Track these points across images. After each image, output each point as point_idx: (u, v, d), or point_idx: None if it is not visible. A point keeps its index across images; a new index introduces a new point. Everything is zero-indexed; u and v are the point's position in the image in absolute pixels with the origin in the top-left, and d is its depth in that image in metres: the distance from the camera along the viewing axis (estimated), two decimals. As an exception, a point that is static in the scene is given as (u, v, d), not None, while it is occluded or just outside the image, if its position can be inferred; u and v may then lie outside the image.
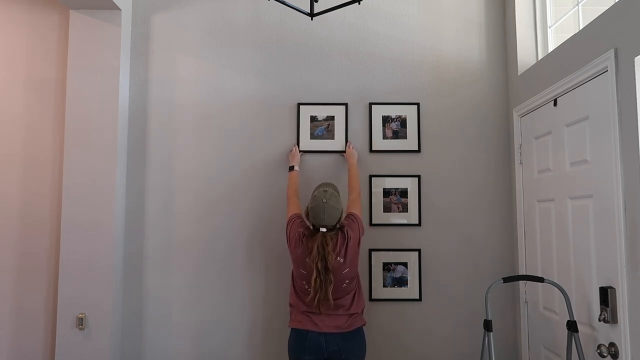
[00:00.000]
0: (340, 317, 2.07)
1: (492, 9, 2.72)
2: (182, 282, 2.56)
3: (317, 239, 2.02)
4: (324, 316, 2.04)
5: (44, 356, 2.50)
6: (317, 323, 2.04)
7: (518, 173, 2.50)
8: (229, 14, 2.71)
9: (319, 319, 2.05)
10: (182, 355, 2.53)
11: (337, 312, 2.07)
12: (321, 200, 2.05)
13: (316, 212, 2.05)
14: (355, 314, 2.10)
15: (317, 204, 2.06)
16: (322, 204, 2.04)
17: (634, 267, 1.59)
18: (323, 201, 2.05)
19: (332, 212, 2.05)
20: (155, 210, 2.60)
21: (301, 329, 2.05)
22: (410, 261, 2.55)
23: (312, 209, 2.08)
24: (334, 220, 2.06)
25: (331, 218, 2.05)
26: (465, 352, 2.52)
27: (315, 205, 2.07)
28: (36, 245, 2.53)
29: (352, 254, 2.08)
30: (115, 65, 2.51)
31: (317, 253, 1.99)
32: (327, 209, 2.04)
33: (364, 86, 2.66)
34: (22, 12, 2.64)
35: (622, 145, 1.65)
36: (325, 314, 2.04)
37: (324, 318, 2.04)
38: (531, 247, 2.37)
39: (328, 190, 2.10)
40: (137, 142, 2.63)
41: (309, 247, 2.04)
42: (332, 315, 2.05)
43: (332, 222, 2.06)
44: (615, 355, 1.66)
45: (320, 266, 1.97)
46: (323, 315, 2.04)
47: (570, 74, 1.97)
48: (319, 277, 1.97)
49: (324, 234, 2.04)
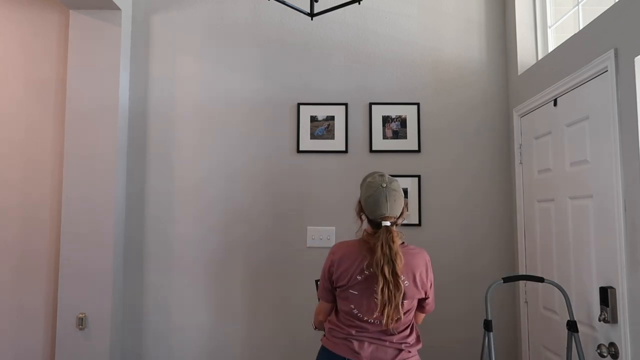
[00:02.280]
0: (387, 349, 1.59)
1: (492, 9, 2.72)
2: (182, 282, 2.56)
3: (380, 236, 1.54)
4: (367, 344, 1.59)
5: (44, 356, 2.50)
6: (358, 352, 1.58)
7: (518, 173, 2.50)
8: (229, 14, 2.71)
9: (361, 347, 1.58)
10: (182, 355, 2.53)
11: (385, 342, 1.59)
12: (380, 185, 1.61)
13: (376, 198, 1.59)
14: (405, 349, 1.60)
15: (377, 190, 1.60)
16: (383, 189, 1.59)
17: (634, 267, 1.59)
18: (383, 185, 1.60)
19: (396, 198, 1.60)
20: (155, 210, 2.60)
21: (335, 354, 1.60)
22: (410, 261, 2.54)
23: (370, 197, 1.61)
24: (398, 209, 1.61)
25: (396, 205, 1.59)
26: (465, 352, 2.52)
27: (373, 192, 1.60)
28: (36, 245, 2.53)
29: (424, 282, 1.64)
30: (115, 65, 2.51)
31: (382, 254, 1.51)
32: (390, 194, 1.59)
33: (364, 86, 2.66)
34: (22, 12, 2.64)
35: (622, 145, 1.65)
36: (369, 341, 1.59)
37: (366, 347, 1.58)
38: (531, 247, 2.37)
39: (385, 175, 1.66)
40: (137, 142, 2.63)
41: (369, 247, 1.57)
42: (376, 343, 1.60)
43: (397, 211, 1.61)
44: (615, 355, 1.66)
45: (388, 271, 1.50)
46: (366, 342, 1.59)
47: (570, 74, 1.97)
48: (386, 286, 1.49)
49: (388, 228, 1.56)
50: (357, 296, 1.59)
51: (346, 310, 1.63)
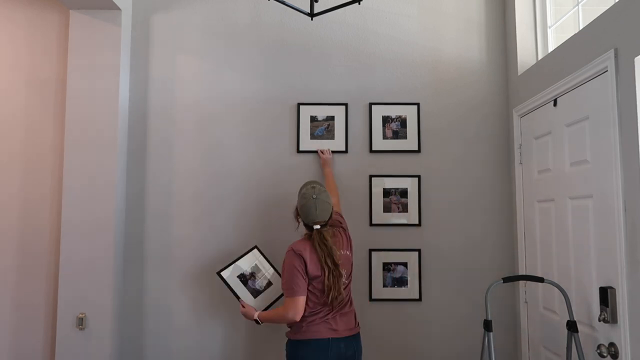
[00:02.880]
0: (349, 316, 2.05)
1: (492, 9, 2.72)
2: (182, 282, 2.56)
3: (315, 237, 1.98)
4: (338, 319, 2.00)
5: (44, 356, 2.50)
6: (335, 329, 1.98)
7: (518, 173, 2.50)
8: (229, 14, 2.71)
9: (336, 323, 1.99)
10: (182, 356, 2.53)
11: (345, 310, 2.03)
12: (311, 196, 2.01)
13: (308, 209, 2.01)
14: (354, 311, 2.12)
15: (308, 201, 2.01)
16: (313, 200, 2.00)
17: (634, 267, 1.59)
18: (313, 197, 2.01)
19: (324, 207, 2.01)
20: (155, 210, 2.60)
21: (321, 339, 1.96)
22: (410, 261, 2.55)
23: (303, 207, 2.03)
24: (326, 215, 2.03)
25: (323, 213, 2.01)
26: (465, 352, 2.52)
27: (305, 202, 2.02)
28: (36, 245, 2.53)
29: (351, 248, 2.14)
30: (115, 65, 2.51)
31: (322, 251, 1.95)
32: (318, 204, 2.00)
33: (364, 86, 2.66)
34: (22, 12, 2.64)
35: (622, 145, 1.65)
36: (339, 313, 2.00)
37: (339, 321, 2.00)
38: (531, 247, 2.37)
39: (316, 187, 2.07)
40: (137, 142, 2.63)
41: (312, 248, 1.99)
42: (344, 314, 2.02)
43: (325, 217, 2.03)
44: (615, 355, 1.66)
45: (330, 262, 1.94)
46: (337, 317, 1.99)
47: (570, 74, 1.97)
48: (330, 273, 1.93)
49: (319, 230, 2.00)
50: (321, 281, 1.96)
51: (317, 296, 1.98)
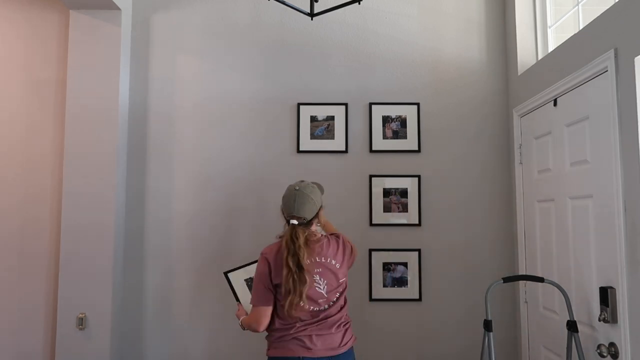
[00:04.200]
0: (334, 335, 1.76)
1: (492, 9, 2.72)
2: (182, 282, 2.56)
3: (287, 232, 1.75)
4: (314, 338, 1.72)
5: (44, 356, 2.50)
6: (310, 347, 1.71)
7: (518, 173, 2.50)
8: (229, 14, 2.71)
9: (311, 341, 1.72)
10: (182, 356, 2.53)
11: (329, 331, 1.75)
12: (294, 188, 1.81)
13: (287, 200, 1.80)
14: (347, 326, 1.82)
15: (289, 192, 1.81)
16: (294, 192, 1.79)
17: (634, 267, 1.59)
18: (296, 189, 1.80)
19: (304, 201, 1.77)
20: (155, 210, 2.60)
21: (290, 357, 1.70)
22: (410, 261, 2.55)
23: (284, 197, 1.82)
24: (306, 211, 1.78)
25: (303, 208, 1.77)
26: (465, 352, 2.52)
27: (287, 193, 1.82)
28: (36, 245, 2.53)
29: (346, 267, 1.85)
30: (115, 65, 2.51)
31: (287, 248, 1.69)
32: (298, 196, 1.77)
33: (364, 86, 2.66)
34: (22, 12, 2.64)
35: (622, 145, 1.65)
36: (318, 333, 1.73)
37: (315, 340, 1.72)
38: (531, 247, 2.37)
39: (305, 181, 1.88)
40: (137, 142, 2.63)
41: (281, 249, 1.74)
42: (325, 335, 1.74)
43: (305, 213, 1.78)
44: (615, 355, 1.66)
45: (292, 262, 1.67)
46: (314, 336, 1.72)
47: (570, 74, 1.97)
48: (290, 275, 1.66)
49: (295, 226, 1.75)
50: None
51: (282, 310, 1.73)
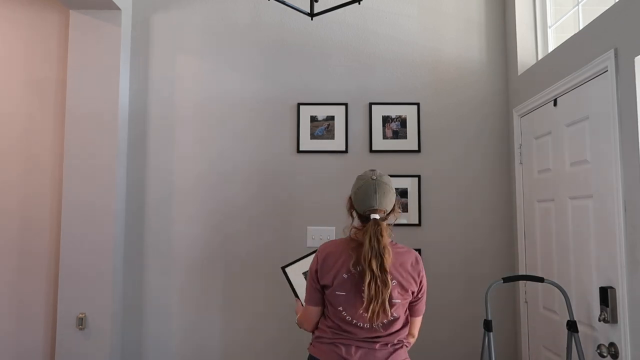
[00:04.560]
0: (377, 352, 1.52)
1: (492, 9, 2.72)
2: (182, 282, 2.56)
3: (368, 229, 1.49)
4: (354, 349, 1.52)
5: (44, 356, 2.50)
6: (346, 358, 1.51)
7: (518, 173, 2.50)
8: (229, 14, 2.71)
9: (349, 353, 1.51)
10: (181, 355, 2.53)
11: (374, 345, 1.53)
12: (370, 177, 1.57)
13: (365, 191, 1.55)
14: (397, 347, 1.55)
15: (366, 182, 1.56)
16: (372, 181, 1.55)
17: (634, 267, 1.59)
18: (373, 178, 1.56)
19: (386, 191, 1.55)
20: (155, 210, 2.60)
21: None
22: (410, 261, 2.54)
23: (359, 189, 1.57)
24: (388, 203, 1.55)
25: (385, 199, 1.54)
26: (465, 352, 2.52)
27: (363, 184, 1.57)
28: (36, 245, 2.53)
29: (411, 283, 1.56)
30: (115, 65, 2.51)
31: (370, 248, 1.46)
32: (379, 186, 1.54)
33: (364, 86, 2.66)
34: (22, 12, 2.64)
35: (622, 145, 1.65)
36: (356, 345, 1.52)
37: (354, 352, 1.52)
38: (531, 247, 2.37)
39: (376, 170, 1.62)
40: (137, 142, 2.64)
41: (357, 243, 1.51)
42: (365, 347, 1.52)
43: (387, 205, 1.55)
44: (615, 355, 1.66)
45: (375, 265, 1.44)
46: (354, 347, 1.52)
47: (570, 74, 1.97)
48: (373, 280, 1.44)
49: (377, 221, 1.50)
50: (344, 297, 1.52)
51: (334, 313, 1.55)
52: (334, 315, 1.56)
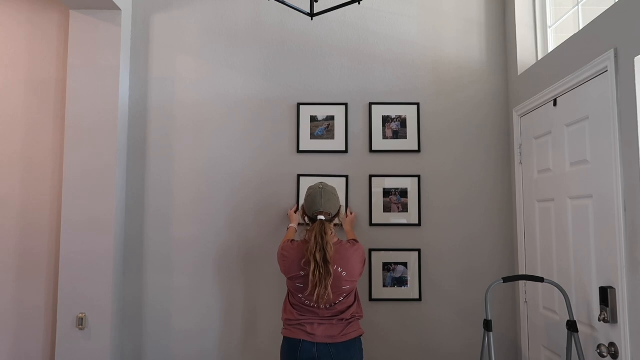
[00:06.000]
0: (335, 326, 1.93)
1: (492, 9, 2.72)
2: (182, 282, 2.56)
3: (315, 228, 1.88)
4: (317, 325, 1.92)
5: (44, 356, 2.50)
6: (310, 333, 1.92)
7: (518, 173, 2.50)
8: (229, 14, 2.71)
9: (313, 329, 1.92)
10: (181, 355, 2.53)
11: (332, 321, 1.94)
12: (317, 186, 2.00)
13: (313, 198, 1.96)
14: (351, 321, 1.97)
15: (314, 191, 1.98)
16: (319, 190, 1.98)
17: (634, 267, 1.59)
18: (320, 187, 1.99)
19: (330, 198, 1.96)
20: (155, 210, 2.60)
21: (293, 338, 1.93)
22: (410, 261, 2.55)
23: (309, 197, 1.99)
24: (332, 207, 1.96)
25: (329, 204, 1.95)
26: (465, 352, 2.52)
27: (311, 192, 1.99)
28: (36, 245, 2.53)
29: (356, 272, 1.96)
30: (115, 65, 2.51)
31: (315, 243, 1.84)
32: (324, 194, 1.96)
33: (364, 86, 2.66)
34: (22, 11, 2.64)
35: (622, 145, 1.65)
36: (319, 322, 1.92)
37: (317, 328, 1.92)
38: (531, 247, 2.37)
39: (324, 183, 2.05)
40: (137, 142, 2.63)
41: (307, 238, 1.91)
42: (326, 324, 1.93)
43: (331, 209, 1.96)
44: (615, 355, 1.66)
45: (319, 257, 1.82)
46: (316, 324, 1.92)
47: (570, 74, 1.97)
48: (317, 269, 1.81)
49: (322, 221, 1.90)
50: (303, 288, 1.90)
51: (297, 299, 1.95)
52: (297, 301, 1.97)
